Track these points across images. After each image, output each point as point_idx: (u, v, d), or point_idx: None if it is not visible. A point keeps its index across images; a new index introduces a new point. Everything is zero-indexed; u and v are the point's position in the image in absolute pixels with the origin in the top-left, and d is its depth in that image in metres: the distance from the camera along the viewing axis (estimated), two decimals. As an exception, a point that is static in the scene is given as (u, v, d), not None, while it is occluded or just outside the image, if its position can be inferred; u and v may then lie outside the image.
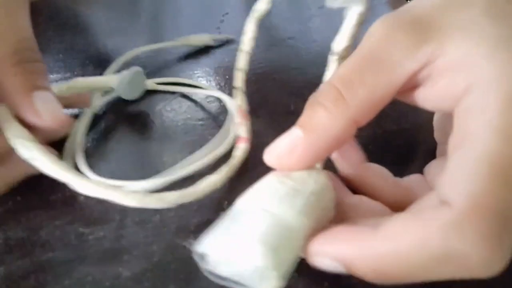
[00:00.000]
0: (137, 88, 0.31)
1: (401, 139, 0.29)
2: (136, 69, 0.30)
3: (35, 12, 0.42)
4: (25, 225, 0.23)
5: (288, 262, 0.17)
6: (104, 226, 0.23)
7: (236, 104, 0.28)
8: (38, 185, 0.25)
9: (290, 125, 0.21)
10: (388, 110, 0.28)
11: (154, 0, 0.44)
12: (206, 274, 0.17)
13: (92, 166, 0.26)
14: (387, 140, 0.27)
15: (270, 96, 0.32)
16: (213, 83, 0.33)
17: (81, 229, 0.23)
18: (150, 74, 0.32)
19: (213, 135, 0.28)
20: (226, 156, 0.26)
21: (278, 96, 0.32)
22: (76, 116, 0.29)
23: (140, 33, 0.39)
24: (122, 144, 0.28)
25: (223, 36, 0.37)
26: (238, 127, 0.27)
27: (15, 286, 0.21)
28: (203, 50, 0.36)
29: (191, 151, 0.27)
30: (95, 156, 0.27)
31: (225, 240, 0.17)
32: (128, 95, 0.30)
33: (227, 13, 0.42)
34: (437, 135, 0.25)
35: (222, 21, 0.41)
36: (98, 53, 0.36)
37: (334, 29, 0.32)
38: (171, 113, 0.31)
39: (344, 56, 0.24)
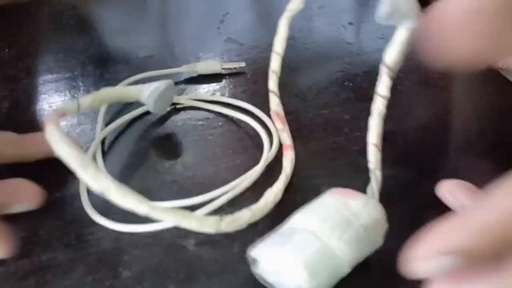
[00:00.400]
0: (166, 102, 0.29)
1: (401, 139, 0.29)
2: (167, 82, 0.27)
3: (35, 12, 0.42)
4: (25, 225, 0.23)
5: (326, 286, 0.19)
6: (104, 226, 0.23)
7: (273, 111, 0.27)
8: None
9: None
10: (388, 111, 0.28)
11: (155, 0, 0.44)
12: (254, 274, 0.20)
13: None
14: (387, 140, 0.27)
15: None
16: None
17: (81, 230, 0.23)
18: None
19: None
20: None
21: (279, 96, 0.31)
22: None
23: (141, 33, 0.39)
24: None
25: (233, 64, 0.34)
26: (281, 134, 0.27)
27: (15, 286, 0.21)
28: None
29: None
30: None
31: (276, 253, 0.19)
32: (157, 109, 0.28)
33: (227, 13, 0.42)
34: None
35: (222, 21, 0.41)
36: (98, 53, 0.36)
37: (334, 29, 0.33)
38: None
39: (394, 70, 0.24)
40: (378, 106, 0.24)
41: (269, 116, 0.30)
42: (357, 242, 0.19)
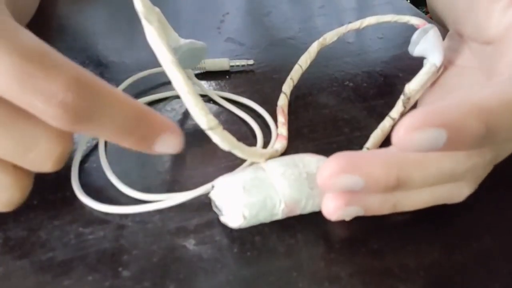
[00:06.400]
0: (190, 63, 0.31)
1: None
2: (201, 44, 0.29)
3: (35, 12, 0.42)
4: (25, 225, 0.23)
5: (257, 212, 0.21)
6: (104, 226, 0.23)
7: (279, 106, 0.30)
8: (38, 184, 0.25)
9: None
10: (388, 111, 0.28)
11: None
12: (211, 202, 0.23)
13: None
14: (387, 140, 0.27)
15: (270, 96, 0.32)
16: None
17: (81, 229, 0.23)
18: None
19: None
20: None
21: (278, 96, 0.32)
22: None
23: (141, 33, 0.39)
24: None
25: (241, 62, 0.35)
26: (281, 127, 0.29)
27: (15, 286, 0.21)
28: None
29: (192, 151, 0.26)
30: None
31: (227, 180, 0.22)
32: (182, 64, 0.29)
33: (227, 13, 0.42)
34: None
35: (222, 21, 0.41)
36: (98, 53, 0.36)
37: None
38: (172, 113, 0.31)
39: (410, 97, 0.27)
40: (385, 124, 0.27)
41: (269, 114, 0.30)
42: (296, 182, 0.21)
